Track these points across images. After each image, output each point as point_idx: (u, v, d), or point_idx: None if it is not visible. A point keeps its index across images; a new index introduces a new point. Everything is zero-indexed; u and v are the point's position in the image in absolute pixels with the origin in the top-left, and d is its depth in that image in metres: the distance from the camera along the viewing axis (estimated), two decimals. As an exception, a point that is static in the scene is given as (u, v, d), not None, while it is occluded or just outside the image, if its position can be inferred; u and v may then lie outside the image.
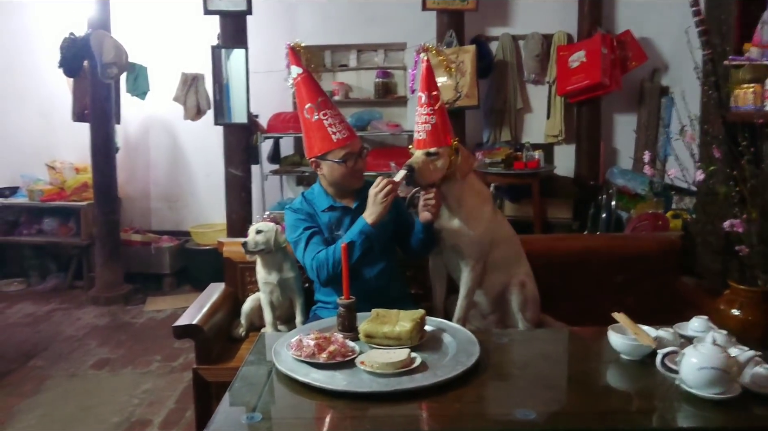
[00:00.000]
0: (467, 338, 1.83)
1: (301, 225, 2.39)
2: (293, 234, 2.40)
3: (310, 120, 2.36)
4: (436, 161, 2.30)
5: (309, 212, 2.44)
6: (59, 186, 5.70)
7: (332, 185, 2.44)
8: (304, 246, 2.35)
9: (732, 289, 2.12)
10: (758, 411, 1.47)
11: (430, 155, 2.29)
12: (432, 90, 2.31)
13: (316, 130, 2.35)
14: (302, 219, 2.41)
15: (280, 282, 2.57)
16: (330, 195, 2.46)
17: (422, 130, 2.31)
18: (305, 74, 2.38)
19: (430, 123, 2.29)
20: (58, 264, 5.83)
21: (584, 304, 2.63)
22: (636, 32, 5.17)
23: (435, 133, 2.29)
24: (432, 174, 2.30)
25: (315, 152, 2.38)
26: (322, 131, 2.34)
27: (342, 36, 5.65)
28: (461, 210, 2.36)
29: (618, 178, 4.90)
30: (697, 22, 2.53)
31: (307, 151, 2.44)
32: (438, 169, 2.30)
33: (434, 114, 2.29)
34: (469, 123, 5.40)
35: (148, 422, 3.23)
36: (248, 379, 1.66)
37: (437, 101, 2.30)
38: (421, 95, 2.31)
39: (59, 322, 4.77)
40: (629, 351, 1.73)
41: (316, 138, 2.36)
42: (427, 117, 2.30)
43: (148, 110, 5.76)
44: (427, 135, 2.30)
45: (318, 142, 2.36)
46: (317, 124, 2.35)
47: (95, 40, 4.87)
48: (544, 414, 1.48)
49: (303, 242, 2.35)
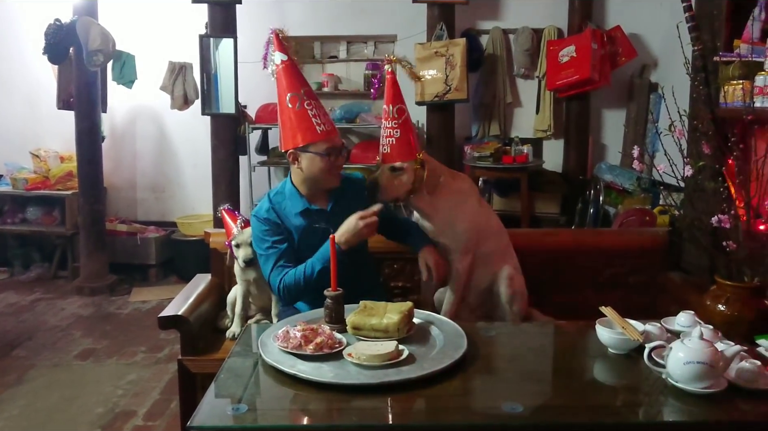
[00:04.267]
0: (455, 331, 1.83)
1: (268, 239, 2.29)
2: (260, 246, 2.31)
3: (293, 109, 2.24)
4: (401, 176, 2.28)
5: (276, 222, 2.31)
6: (44, 175, 5.64)
7: (307, 182, 2.31)
8: (271, 265, 2.27)
9: (718, 285, 2.13)
10: (743, 405, 1.48)
11: (394, 170, 2.28)
12: (397, 103, 2.30)
13: (300, 120, 2.24)
14: (268, 230, 2.29)
15: (256, 279, 2.54)
16: (303, 196, 2.33)
17: (387, 143, 2.30)
18: (290, 62, 2.28)
19: (394, 137, 2.29)
20: (42, 254, 5.76)
21: (572, 299, 2.64)
22: (626, 28, 5.18)
23: (399, 146, 2.29)
24: (396, 189, 2.29)
25: (297, 143, 2.25)
26: (306, 122, 2.24)
27: (332, 27, 5.61)
28: (438, 214, 2.35)
29: (606, 174, 4.92)
30: (687, 17, 2.53)
31: (284, 142, 2.29)
32: (403, 183, 2.29)
33: (399, 127, 2.28)
34: (458, 116, 5.39)
35: (133, 413, 3.21)
36: (234, 370, 1.65)
37: (402, 115, 2.30)
38: (386, 108, 2.31)
39: (43, 312, 4.73)
40: (616, 345, 1.74)
41: (298, 128, 2.24)
42: (391, 131, 2.29)
43: (135, 99, 5.70)
44: (391, 149, 2.29)
45: (300, 133, 2.24)
46: (301, 114, 2.24)
47: (81, 26, 4.81)
48: (530, 408, 1.48)
49: (271, 261, 2.27)
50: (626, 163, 5.07)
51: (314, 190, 2.33)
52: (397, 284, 2.79)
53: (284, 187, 2.38)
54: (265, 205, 2.35)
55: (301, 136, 2.24)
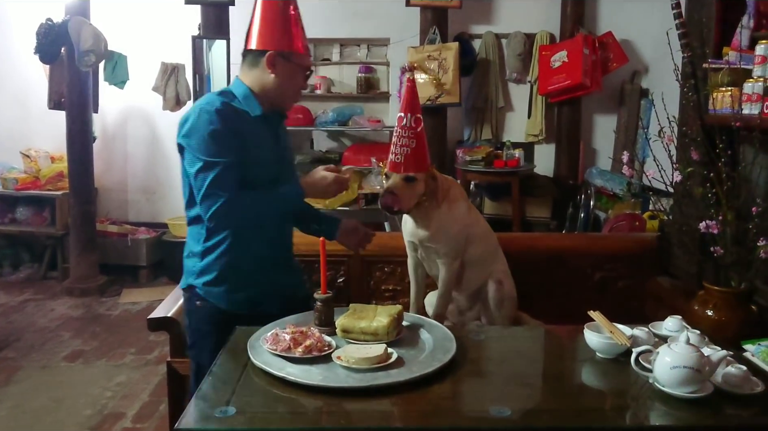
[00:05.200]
0: (444, 334, 1.83)
1: (222, 143, 1.89)
2: (208, 149, 1.87)
3: (281, 8, 1.99)
4: (415, 186, 2.23)
5: (236, 125, 1.93)
6: (34, 175, 5.61)
7: (272, 93, 2.02)
8: (214, 176, 1.86)
9: (706, 290, 2.14)
10: (729, 410, 1.49)
11: (408, 180, 2.22)
12: (415, 113, 2.22)
13: (289, 24, 2.01)
14: (222, 132, 1.89)
15: None
16: (261, 104, 2.02)
17: (400, 153, 2.22)
18: None
19: (410, 147, 2.21)
20: (32, 255, 5.74)
21: (561, 303, 2.65)
22: (617, 34, 5.21)
23: (415, 157, 2.22)
24: (410, 199, 2.23)
25: (283, 46, 1.98)
26: (295, 29, 2.02)
27: (325, 30, 5.61)
28: (433, 221, 2.34)
29: (597, 179, 4.95)
30: (677, 24, 2.55)
31: (262, 41, 1.98)
32: (415, 194, 2.24)
33: (415, 137, 2.21)
34: (450, 120, 5.41)
35: (121, 415, 3.20)
36: (222, 373, 1.65)
37: (419, 125, 2.23)
38: (402, 116, 2.23)
39: (32, 313, 4.70)
40: (604, 349, 1.74)
41: (285, 31, 2.00)
42: (407, 140, 2.21)
43: (127, 100, 5.69)
44: (405, 159, 2.22)
45: (288, 38, 1.99)
46: (292, 19, 2.01)
47: (73, 26, 4.80)
48: (519, 412, 1.48)
49: (215, 171, 1.87)
50: (617, 168, 5.09)
51: (269, 106, 2.05)
52: (387, 287, 2.80)
53: (234, 89, 2.03)
54: (215, 100, 1.95)
55: (288, 41, 2.00)
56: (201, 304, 2.05)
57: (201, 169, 1.89)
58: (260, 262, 2.08)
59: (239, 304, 2.04)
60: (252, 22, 2.02)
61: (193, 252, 2.06)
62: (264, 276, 2.09)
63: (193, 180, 1.91)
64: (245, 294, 2.05)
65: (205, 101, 1.96)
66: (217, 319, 2.02)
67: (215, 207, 1.87)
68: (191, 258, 2.07)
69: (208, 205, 1.88)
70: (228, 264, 2.02)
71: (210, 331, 2.02)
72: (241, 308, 2.04)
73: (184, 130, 1.94)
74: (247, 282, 2.05)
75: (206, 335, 2.04)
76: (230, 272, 2.03)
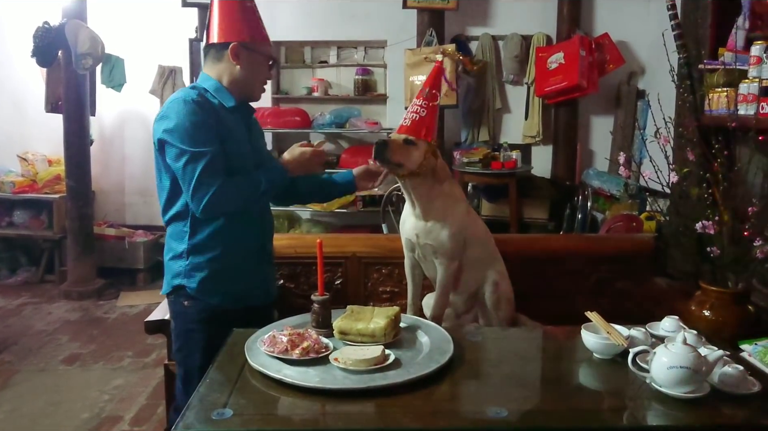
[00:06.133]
0: (441, 336, 1.83)
1: (208, 135, 1.91)
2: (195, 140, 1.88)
3: (239, 2, 2.02)
4: (412, 149, 2.27)
5: (215, 116, 1.95)
6: (31, 178, 5.61)
7: (238, 85, 2.04)
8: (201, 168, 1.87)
9: (703, 290, 2.15)
10: (726, 410, 1.49)
11: (407, 142, 2.28)
12: (434, 88, 2.31)
13: (247, 14, 2.04)
14: (201, 123, 1.90)
15: None
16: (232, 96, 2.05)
17: (409, 118, 2.31)
18: None
19: (419, 114, 2.29)
20: (30, 258, 5.73)
21: (559, 304, 2.65)
22: (614, 35, 5.22)
23: (420, 124, 2.28)
24: (403, 157, 2.26)
25: (244, 37, 2.00)
26: (254, 19, 2.05)
27: (322, 32, 5.62)
28: (432, 209, 2.35)
29: (594, 180, 4.95)
30: (673, 26, 2.56)
31: (224, 34, 2.00)
32: (411, 158, 2.27)
33: (426, 108, 2.29)
34: (447, 122, 5.42)
35: (119, 418, 3.20)
36: (220, 375, 1.64)
37: (434, 100, 2.31)
38: (423, 89, 2.32)
39: (29, 317, 4.70)
40: (601, 350, 1.75)
41: (245, 22, 2.02)
42: (419, 108, 2.30)
43: (124, 103, 5.69)
44: (411, 123, 2.29)
45: (249, 28, 2.02)
46: (251, 11, 2.05)
47: (70, 29, 4.79)
48: (516, 413, 1.48)
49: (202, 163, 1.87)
50: (614, 170, 5.10)
51: (239, 97, 2.06)
52: (384, 289, 2.80)
53: (204, 84, 2.04)
54: (190, 93, 1.97)
55: (249, 32, 2.03)
56: (189, 304, 2.05)
57: (189, 160, 1.88)
58: (248, 254, 2.10)
59: (230, 298, 2.06)
60: (211, 17, 2.04)
61: (177, 252, 2.05)
62: (253, 267, 2.12)
63: (181, 173, 1.91)
64: (237, 287, 2.07)
65: (181, 95, 1.96)
66: (206, 317, 2.03)
67: (208, 196, 1.88)
68: (176, 259, 2.06)
69: (200, 196, 1.89)
70: (217, 258, 2.03)
71: (199, 330, 2.04)
72: (232, 302, 2.06)
73: (164, 125, 1.93)
74: (236, 275, 2.07)
75: (195, 335, 2.04)
76: (221, 266, 2.04)
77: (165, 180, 2.03)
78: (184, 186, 1.92)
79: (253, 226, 2.12)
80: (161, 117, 1.95)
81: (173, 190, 2.01)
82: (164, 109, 1.96)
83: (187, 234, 2.02)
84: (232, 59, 2.00)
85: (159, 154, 2.00)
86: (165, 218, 2.09)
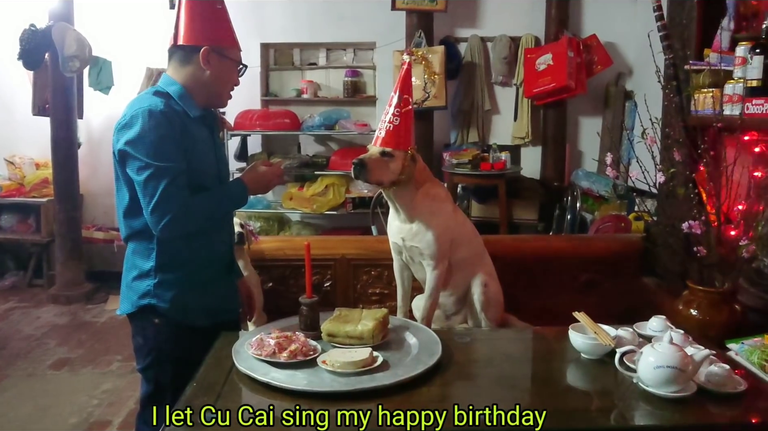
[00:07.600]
0: (430, 337, 1.83)
1: (174, 150, 1.82)
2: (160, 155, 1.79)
3: (209, 4, 1.94)
4: (390, 162, 2.28)
5: (182, 128, 1.86)
6: (18, 182, 5.57)
7: (205, 90, 1.95)
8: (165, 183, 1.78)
9: (691, 290, 2.16)
10: (712, 408, 1.50)
11: (384, 154, 2.28)
12: (405, 93, 2.29)
13: (218, 17, 1.96)
14: (168, 136, 1.81)
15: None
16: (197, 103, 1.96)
17: (384, 128, 2.29)
18: None
19: (393, 124, 2.28)
20: (17, 262, 5.69)
21: (548, 304, 2.66)
22: (602, 36, 5.24)
23: (396, 134, 2.28)
24: (382, 173, 2.27)
25: (215, 41, 1.92)
26: (225, 22, 1.98)
27: (311, 34, 5.62)
28: (416, 213, 2.36)
29: (583, 180, 4.97)
30: (659, 27, 2.57)
31: (194, 36, 1.91)
32: (390, 170, 2.28)
33: (400, 116, 2.27)
34: (437, 124, 5.42)
35: (107, 423, 3.18)
36: (207, 378, 1.64)
37: (406, 105, 2.29)
38: (393, 95, 2.30)
39: (17, 321, 4.66)
40: (589, 350, 1.75)
41: (217, 25, 1.95)
42: (392, 117, 2.28)
43: (112, 105, 5.63)
44: (386, 134, 2.28)
45: (221, 31, 1.95)
46: (220, 14, 1.97)
47: (57, 32, 4.76)
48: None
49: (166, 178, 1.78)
50: (602, 170, 5.12)
51: (204, 104, 1.99)
52: (374, 291, 2.80)
53: (167, 88, 1.93)
54: (156, 102, 1.84)
55: (220, 36, 1.95)
56: (161, 322, 1.95)
57: (152, 175, 1.78)
58: (219, 266, 2.07)
59: (203, 313, 1.99)
60: (179, 17, 1.95)
61: (143, 270, 1.95)
62: (222, 280, 2.08)
63: (142, 187, 1.80)
64: (208, 301, 2.00)
65: (147, 104, 1.83)
66: (178, 335, 1.95)
67: (169, 217, 1.79)
68: (142, 279, 1.95)
69: (160, 214, 1.79)
70: (189, 274, 1.96)
71: (172, 349, 1.95)
72: (203, 317, 1.99)
73: (127, 136, 1.81)
74: (207, 289, 2.00)
75: (168, 353, 1.96)
76: (193, 281, 1.96)
77: (124, 193, 1.91)
78: (144, 200, 1.81)
79: (223, 238, 2.08)
80: (124, 125, 1.83)
81: (133, 204, 1.89)
82: (128, 118, 1.84)
83: (154, 251, 1.92)
84: (203, 64, 1.91)
85: (119, 166, 1.88)
86: (125, 234, 1.98)
